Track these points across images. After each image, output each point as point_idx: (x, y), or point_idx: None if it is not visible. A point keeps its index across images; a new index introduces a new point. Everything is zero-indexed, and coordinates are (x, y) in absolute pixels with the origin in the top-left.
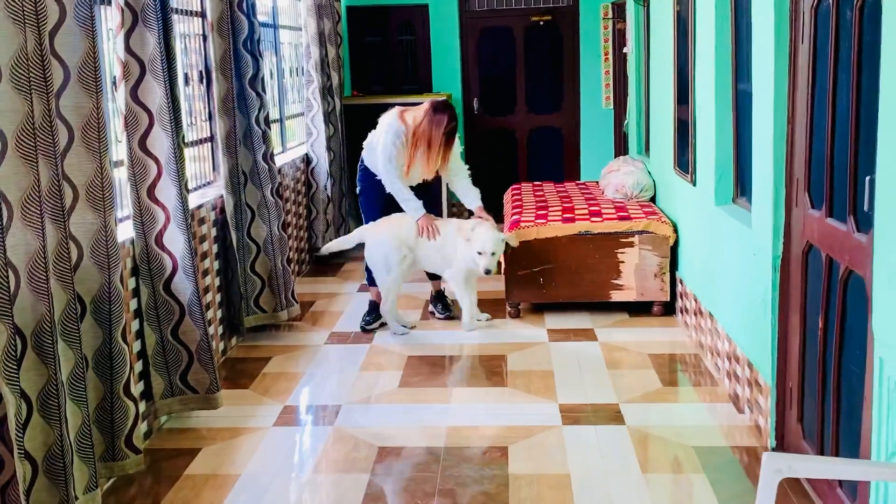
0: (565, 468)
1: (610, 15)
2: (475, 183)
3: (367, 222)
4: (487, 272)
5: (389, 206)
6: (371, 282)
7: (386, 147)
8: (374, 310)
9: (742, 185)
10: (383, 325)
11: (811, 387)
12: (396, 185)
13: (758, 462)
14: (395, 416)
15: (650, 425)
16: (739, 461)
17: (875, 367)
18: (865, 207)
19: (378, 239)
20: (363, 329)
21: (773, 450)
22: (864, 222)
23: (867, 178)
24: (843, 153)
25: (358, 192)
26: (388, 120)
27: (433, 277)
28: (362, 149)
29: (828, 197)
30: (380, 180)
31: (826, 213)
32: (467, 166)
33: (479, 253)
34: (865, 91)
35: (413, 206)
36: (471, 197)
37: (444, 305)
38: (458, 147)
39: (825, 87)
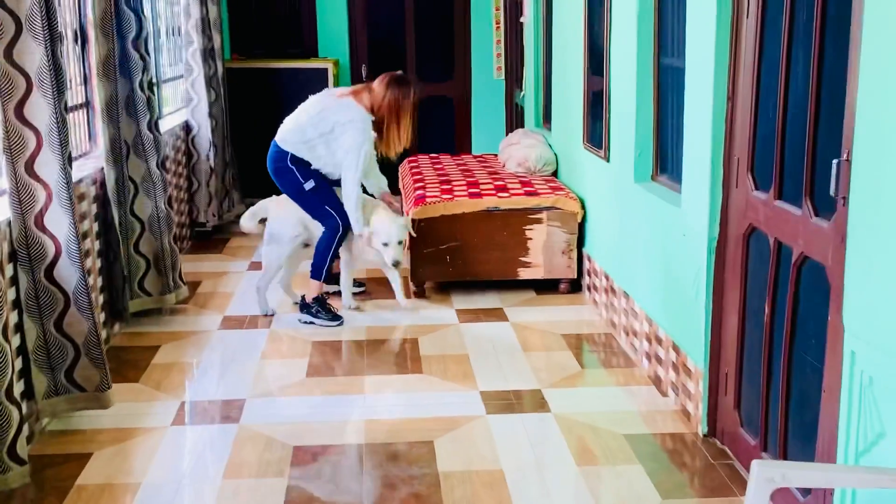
0: (497, 463)
1: None
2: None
3: (338, 215)
4: (396, 264)
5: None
6: (325, 277)
7: (361, 145)
8: (325, 304)
9: (662, 163)
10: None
11: (752, 374)
12: (354, 196)
13: (690, 449)
14: (307, 410)
15: (576, 412)
16: (672, 449)
17: (845, 360)
18: (832, 192)
19: (283, 213)
20: (339, 324)
21: (706, 436)
22: (825, 206)
23: (835, 161)
24: (798, 134)
25: (309, 188)
26: (350, 113)
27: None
28: (277, 139)
29: (777, 179)
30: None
31: (775, 195)
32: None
33: (385, 244)
34: (829, 70)
35: (357, 223)
36: (377, 182)
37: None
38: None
39: (776, 64)
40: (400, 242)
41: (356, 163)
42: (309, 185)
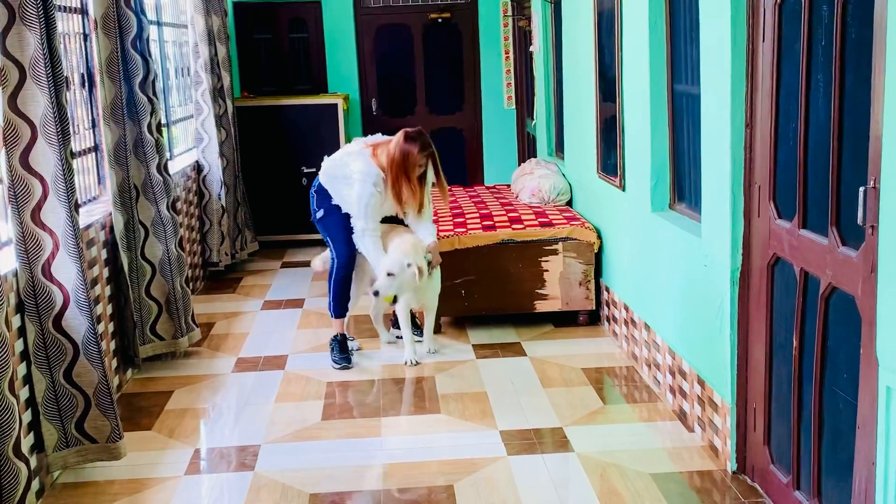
0: None
1: (510, 12)
2: None
3: (335, 246)
4: (375, 293)
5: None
6: (340, 312)
7: (362, 196)
8: (342, 346)
9: (680, 191)
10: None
11: (782, 408)
12: (367, 236)
13: (719, 487)
14: (324, 455)
15: (600, 450)
16: (701, 487)
17: (880, 395)
18: (859, 220)
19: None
20: (342, 368)
21: (735, 473)
22: (852, 236)
23: (862, 188)
24: (822, 160)
25: (318, 217)
26: (360, 165)
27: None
28: (318, 170)
29: (801, 207)
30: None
31: (799, 224)
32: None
33: (388, 274)
34: (851, 93)
35: (377, 261)
36: (427, 232)
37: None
38: (429, 182)
39: (795, 89)
40: (389, 275)
41: (361, 213)
42: (320, 213)
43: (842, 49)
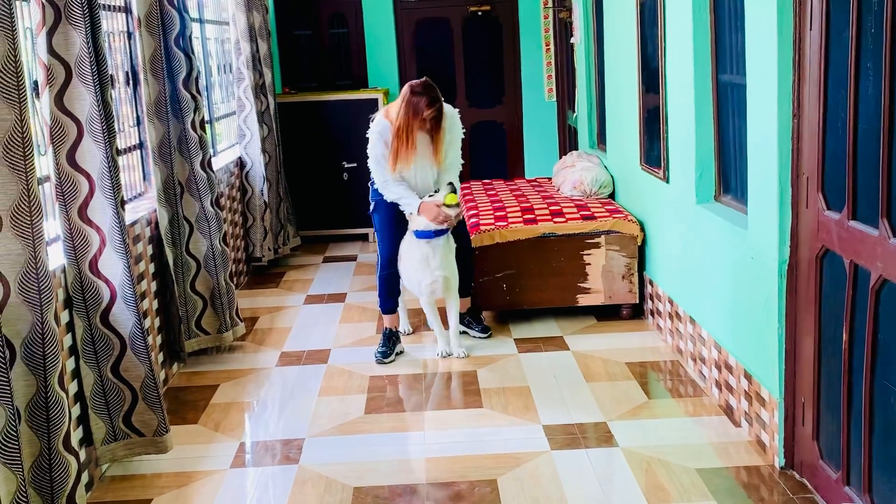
0: (564, 502)
1: (550, 4)
2: None
3: (379, 243)
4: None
5: (402, 224)
6: (384, 308)
7: (372, 149)
8: (388, 339)
9: (725, 183)
10: (398, 354)
11: (831, 403)
12: (389, 187)
13: (767, 483)
14: (366, 448)
15: (645, 445)
16: (748, 483)
17: None
18: None
19: None
20: (379, 362)
21: (783, 469)
22: None
23: None
24: (872, 150)
25: (370, 210)
26: (373, 124)
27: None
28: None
29: (850, 198)
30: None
31: (848, 215)
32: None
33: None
34: None
35: (408, 203)
36: (446, 175)
37: (476, 321)
38: (455, 136)
39: (843, 78)
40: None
41: (375, 166)
42: (371, 206)
43: (892, 36)
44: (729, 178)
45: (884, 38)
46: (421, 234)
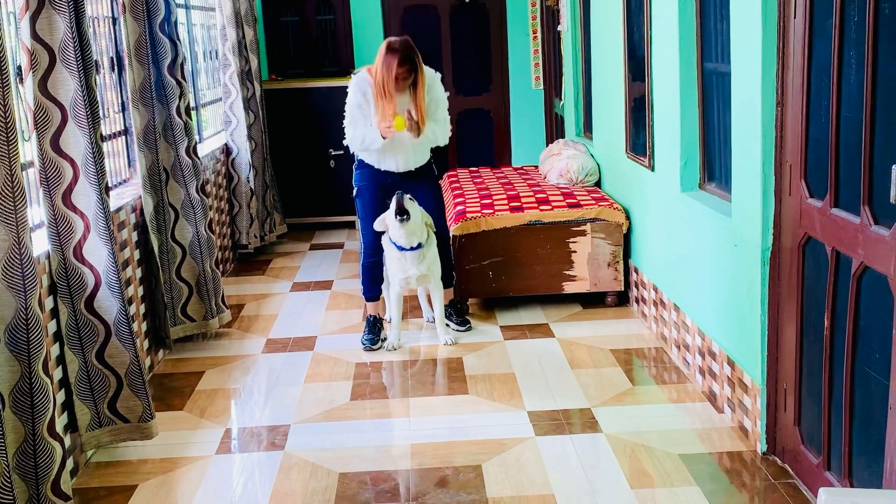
0: (548, 487)
1: None
2: None
3: (362, 229)
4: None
5: (386, 209)
6: (368, 295)
7: (350, 97)
8: (373, 326)
9: (710, 171)
10: (383, 341)
11: (812, 389)
12: (356, 132)
13: (749, 468)
14: (352, 435)
15: (628, 431)
16: (730, 468)
17: None
18: (892, 199)
19: None
20: (367, 349)
21: (765, 455)
22: (885, 214)
23: (894, 166)
24: (854, 138)
25: (354, 194)
26: (356, 74)
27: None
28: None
29: (832, 186)
30: (377, 179)
31: (831, 202)
32: (450, 128)
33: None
34: (884, 70)
35: (373, 138)
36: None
37: (456, 313)
38: (435, 97)
39: (827, 66)
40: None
41: (347, 113)
42: (354, 190)
43: (875, 25)
44: (714, 166)
45: (866, 28)
46: (396, 245)
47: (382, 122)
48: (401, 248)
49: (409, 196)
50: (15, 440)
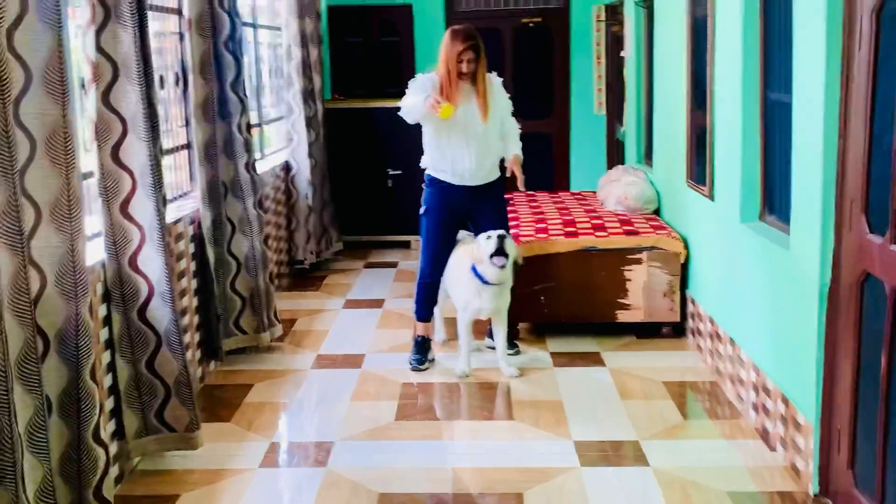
0: None
1: (603, 17)
2: None
3: (423, 248)
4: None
5: (451, 232)
6: (420, 315)
7: (409, 84)
8: (421, 347)
9: (770, 202)
10: (431, 362)
11: (867, 431)
12: (407, 104)
13: None
14: (394, 455)
15: (676, 466)
16: None
17: None
18: None
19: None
20: (414, 369)
21: (816, 496)
22: None
23: None
24: None
25: (421, 212)
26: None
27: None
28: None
29: (894, 221)
30: (447, 200)
31: (891, 239)
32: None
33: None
34: None
35: (419, 103)
36: (510, 145)
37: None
38: (499, 101)
39: (890, 100)
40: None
41: (408, 92)
42: (422, 207)
43: None
44: (774, 197)
45: None
46: (480, 278)
47: (435, 97)
48: (485, 282)
49: (509, 239)
50: (60, 445)
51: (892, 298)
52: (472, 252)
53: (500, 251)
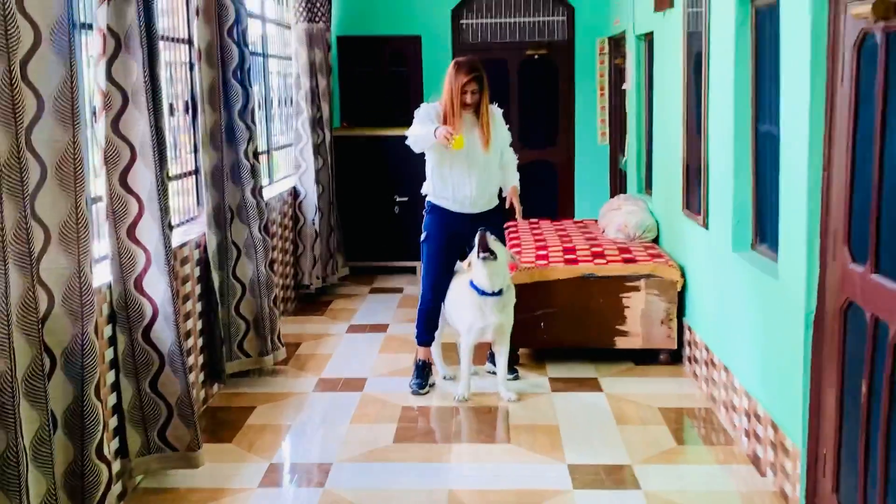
0: None
1: (606, 50)
2: None
3: (424, 274)
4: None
5: (451, 258)
6: (420, 340)
7: (416, 114)
8: (422, 371)
9: (762, 232)
10: (431, 386)
11: (850, 456)
12: (414, 132)
13: None
14: (391, 476)
15: (668, 490)
16: None
17: None
18: None
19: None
20: (415, 393)
21: None
22: None
23: None
24: (895, 205)
25: (421, 239)
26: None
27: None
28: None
29: (873, 251)
30: (447, 225)
31: (871, 268)
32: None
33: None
34: None
35: (427, 133)
36: (509, 177)
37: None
38: (499, 131)
39: (870, 133)
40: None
41: (414, 122)
42: (423, 233)
43: None
44: (766, 227)
45: None
46: (477, 290)
47: (446, 129)
48: (482, 293)
49: (493, 236)
50: (64, 460)
51: (873, 327)
52: (466, 266)
53: (484, 247)
